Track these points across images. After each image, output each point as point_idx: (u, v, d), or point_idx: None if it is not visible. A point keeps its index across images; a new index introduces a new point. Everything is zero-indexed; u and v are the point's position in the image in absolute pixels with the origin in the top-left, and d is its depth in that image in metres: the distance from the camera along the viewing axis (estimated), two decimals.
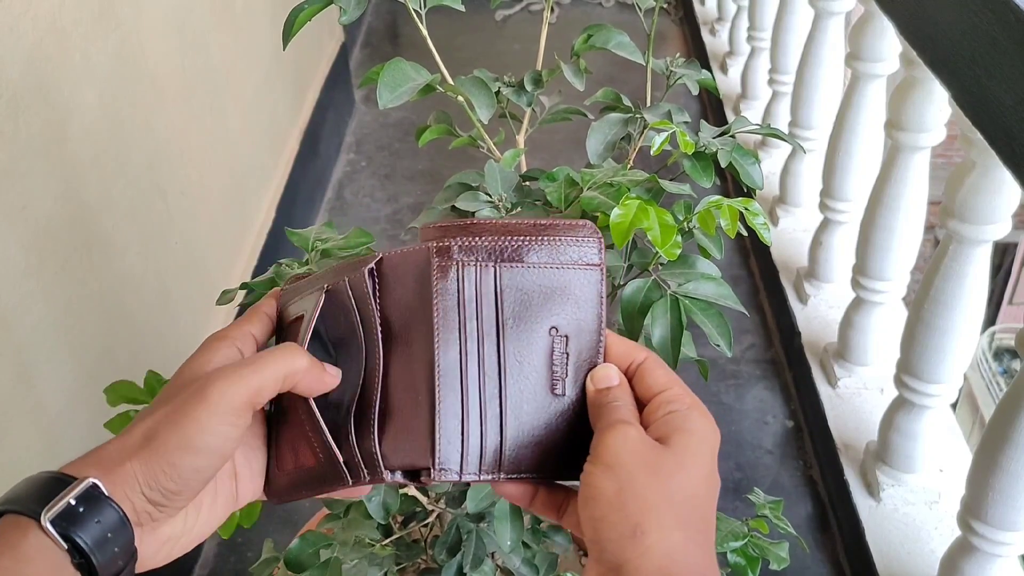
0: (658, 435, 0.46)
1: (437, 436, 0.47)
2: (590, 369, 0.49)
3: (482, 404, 0.48)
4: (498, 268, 0.48)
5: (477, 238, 0.48)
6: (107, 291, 1.43)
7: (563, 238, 0.49)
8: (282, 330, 0.52)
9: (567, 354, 0.49)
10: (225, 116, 2.02)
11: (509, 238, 0.48)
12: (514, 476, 0.48)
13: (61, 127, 1.30)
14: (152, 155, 1.62)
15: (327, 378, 0.48)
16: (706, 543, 0.45)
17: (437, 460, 0.47)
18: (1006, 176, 1.18)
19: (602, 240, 0.50)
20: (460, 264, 0.48)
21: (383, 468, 0.48)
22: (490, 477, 0.48)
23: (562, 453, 0.49)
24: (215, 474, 0.45)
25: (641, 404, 0.49)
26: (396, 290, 0.49)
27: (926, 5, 1.13)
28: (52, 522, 0.41)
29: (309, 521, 1.25)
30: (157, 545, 0.46)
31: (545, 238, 0.49)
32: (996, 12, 0.94)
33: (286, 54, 2.40)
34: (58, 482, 0.42)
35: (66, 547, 0.41)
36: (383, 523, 0.85)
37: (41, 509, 0.41)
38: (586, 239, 0.49)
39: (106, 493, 0.42)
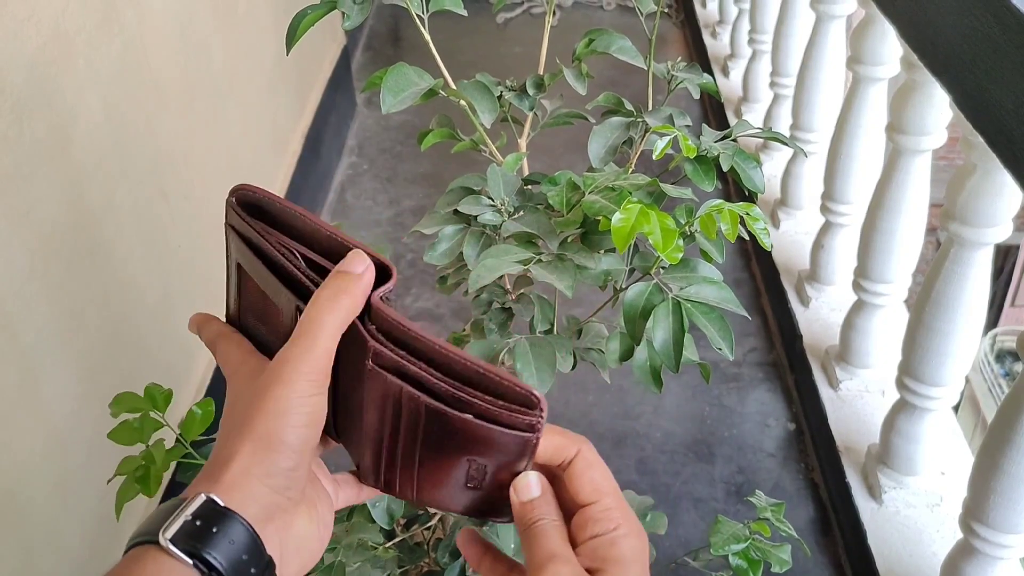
0: (585, 564, 0.45)
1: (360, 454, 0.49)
2: (511, 475, 0.47)
3: (394, 458, 0.48)
4: (427, 403, 0.45)
5: (413, 366, 0.45)
6: (111, 295, 1.44)
7: (503, 408, 0.45)
8: (243, 317, 0.53)
9: (485, 468, 0.47)
10: (227, 120, 2.02)
11: (446, 383, 0.45)
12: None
13: (64, 132, 1.31)
14: (155, 159, 1.62)
15: (366, 282, 0.46)
16: None
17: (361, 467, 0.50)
18: (1007, 179, 1.18)
19: (545, 414, 0.45)
20: (390, 380, 0.46)
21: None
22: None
23: (477, 506, 0.49)
24: (317, 443, 0.46)
25: (568, 508, 0.48)
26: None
27: (927, 9, 1.14)
28: (173, 541, 0.40)
29: None
30: (296, 542, 0.45)
31: (484, 399, 0.45)
32: (997, 16, 0.94)
33: (288, 58, 2.40)
34: (177, 503, 0.42)
35: (191, 562, 0.40)
36: (386, 527, 0.86)
37: (158, 531, 0.41)
38: (528, 415, 0.45)
39: (222, 504, 0.42)
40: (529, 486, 0.47)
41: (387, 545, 0.90)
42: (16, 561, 1.18)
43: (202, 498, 0.41)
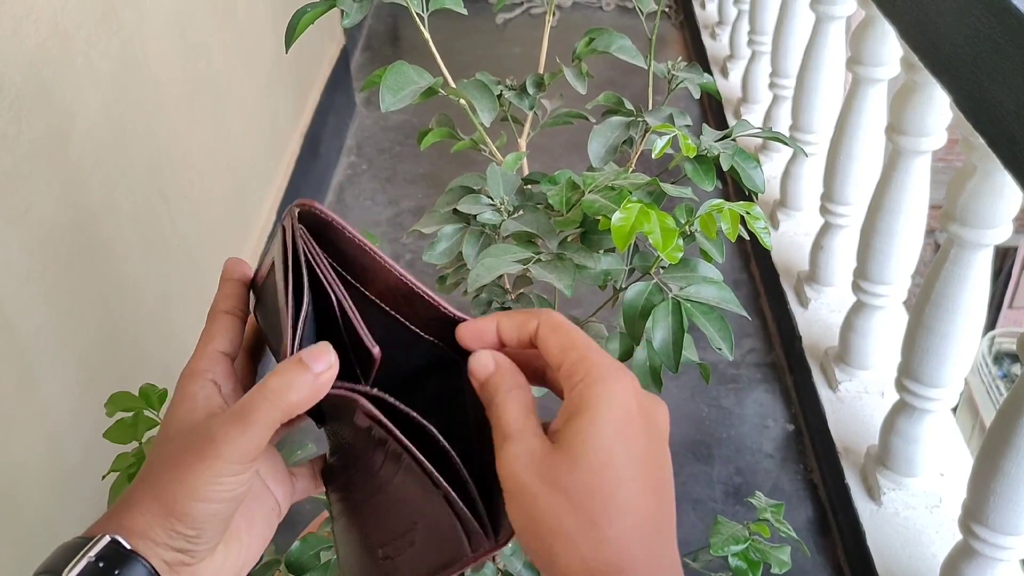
0: (558, 426, 0.42)
1: None
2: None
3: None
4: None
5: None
6: (109, 295, 1.43)
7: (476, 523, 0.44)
8: (260, 296, 0.49)
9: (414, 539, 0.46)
10: (226, 120, 2.02)
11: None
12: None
13: (63, 130, 1.31)
14: (154, 159, 1.62)
15: (321, 383, 0.43)
16: (637, 526, 0.40)
17: None
18: (1007, 180, 1.18)
19: (497, 549, 0.44)
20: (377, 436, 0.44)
21: None
22: None
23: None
24: (235, 512, 0.44)
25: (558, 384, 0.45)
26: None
27: (928, 10, 1.13)
28: None
29: (310, 524, 1.25)
30: None
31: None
32: (998, 16, 0.94)
33: (287, 58, 2.41)
34: (83, 543, 0.41)
35: None
36: None
37: (62, 571, 0.40)
38: (484, 543, 0.44)
39: (128, 547, 0.41)
40: (484, 365, 0.45)
41: None
42: (13, 561, 1.18)
43: (106, 540, 0.41)
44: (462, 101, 0.78)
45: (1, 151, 1.15)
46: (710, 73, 2.97)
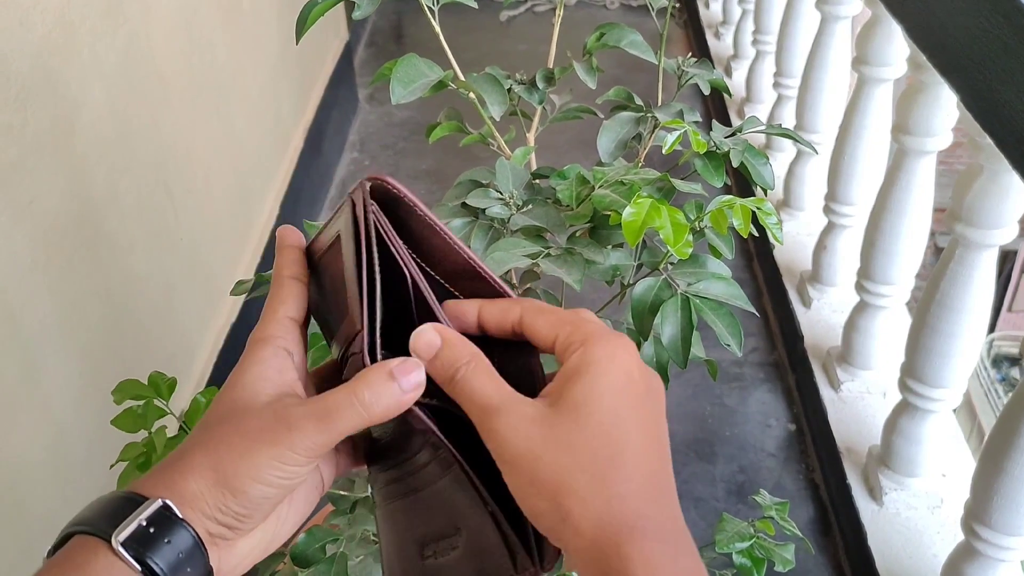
0: (554, 391, 0.42)
1: None
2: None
3: None
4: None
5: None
6: (113, 287, 1.43)
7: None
8: (315, 268, 0.48)
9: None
10: (231, 114, 2.02)
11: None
12: None
13: (69, 122, 1.30)
14: (158, 152, 1.62)
15: (405, 401, 0.42)
16: (645, 484, 0.40)
17: None
18: (1014, 180, 1.18)
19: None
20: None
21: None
22: None
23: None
24: (285, 498, 0.43)
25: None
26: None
27: (936, 9, 1.13)
28: (124, 544, 0.39)
29: (315, 516, 1.25)
30: (236, 560, 0.43)
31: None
32: (1008, 16, 0.94)
33: (291, 53, 2.40)
34: (128, 502, 0.40)
35: (140, 569, 0.39)
36: None
37: (112, 530, 0.39)
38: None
39: (179, 515, 0.40)
40: (430, 342, 0.43)
41: None
42: (16, 554, 1.18)
43: (159, 504, 0.40)
44: (471, 95, 0.78)
45: (6, 142, 1.15)
46: None
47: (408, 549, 0.46)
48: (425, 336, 0.43)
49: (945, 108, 1.39)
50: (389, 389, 0.41)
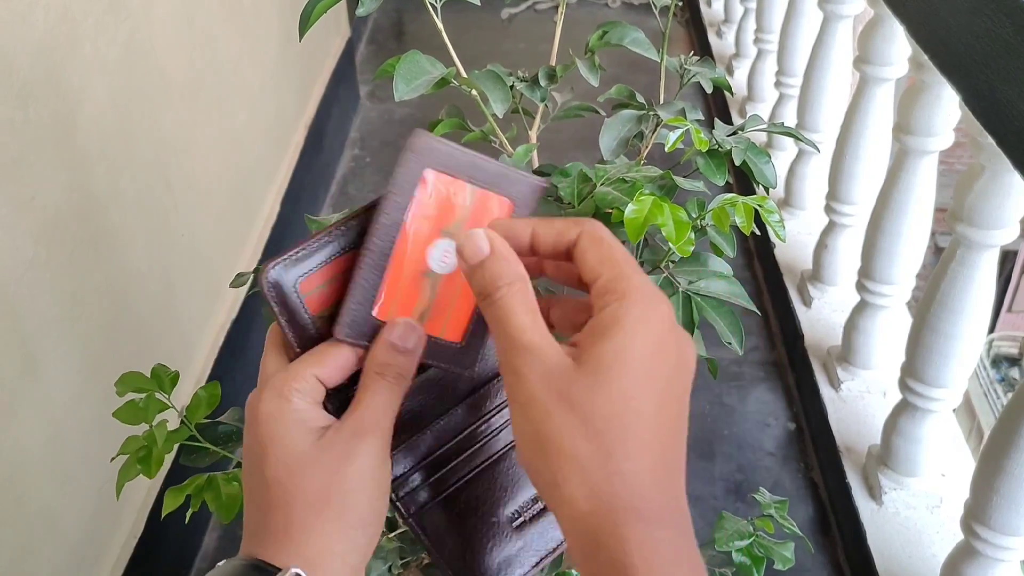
0: (581, 339, 0.39)
1: None
2: None
3: None
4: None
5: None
6: (113, 282, 1.43)
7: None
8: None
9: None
10: (232, 110, 2.02)
11: None
12: None
13: (70, 117, 1.30)
14: (159, 148, 1.62)
15: (415, 355, 0.44)
16: (653, 464, 0.37)
17: None
18: (1015, 180, 1.18)
19: None
20: None
21: None
22: None
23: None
24: (387, 501, 0.44)
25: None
26: None
27: (939, 8, 1.13)
28: None
29: None
30: None
31: None
32: (1010, 16, 0.94)
33: (292, 50, 2.40)
34: (259, 571, 0.40)
35: None
36: (388, 517, 0.85)
37: None
38: None
39: None
40: (476, 249, 0.40)
41: (389, 536, 0.90)
42: (15, 548, 1.18)
43: (292, 571, 0.39)
44: (474, 92, 0.78)
45: (8, 137, 1.15)
46: None
47: (493, 534, 0.46)
48: (475, 241, 0.40)
49: (947, 108, 1.39)
50: (401, 359, 0.43)
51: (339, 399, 0.44)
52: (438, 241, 0.43)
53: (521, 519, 0.46)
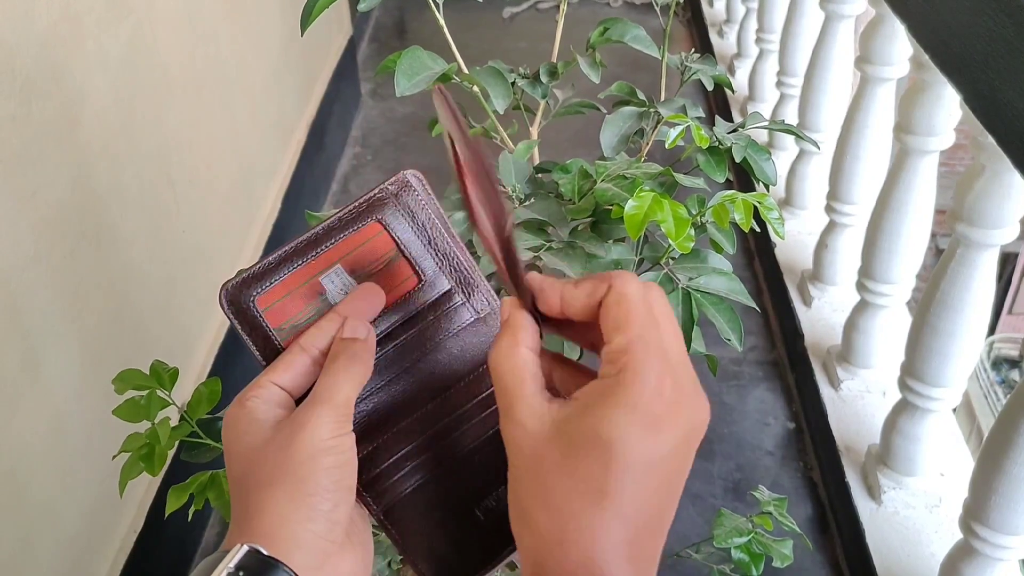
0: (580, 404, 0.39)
1: None
2: None
3: None
4: None
5: None
6: (114, 278, 1.43)
7: None
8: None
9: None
10: (234, 108, 2.02)
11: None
12: None
13: (73, 113, 1.31)
14: (161, 145, 1.62)
15: (370, 344, 0.45)
16: (624, 540, 0.37)
17: None
18: (1016, 180, 1.18)
19: None
20: None
21: None
22: None
23: None
24: (354, 484, 0.43)
25: None
26: None
27: (940, 8, 1.13)
28: None
29: None
30: None
31: None
32: (1012, 15, 0.94)
33: (294, 47, 2.40)
34: (215, 560, 0.40)
35: None
36: None
37: None
38: None
39: (265, 553, 0.40)
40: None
41: None
42: (15, 542, 1.18)
43: (244, 549, 0.40)
44: (475, 88, 0.78)
45: (10, 133, 1.15)
46: None
47: (460, 524, 0.47)
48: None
49: (947, 107, 1.39)
50: (353, 347, 0.45)
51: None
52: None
53: (491, 512, 0.46)
